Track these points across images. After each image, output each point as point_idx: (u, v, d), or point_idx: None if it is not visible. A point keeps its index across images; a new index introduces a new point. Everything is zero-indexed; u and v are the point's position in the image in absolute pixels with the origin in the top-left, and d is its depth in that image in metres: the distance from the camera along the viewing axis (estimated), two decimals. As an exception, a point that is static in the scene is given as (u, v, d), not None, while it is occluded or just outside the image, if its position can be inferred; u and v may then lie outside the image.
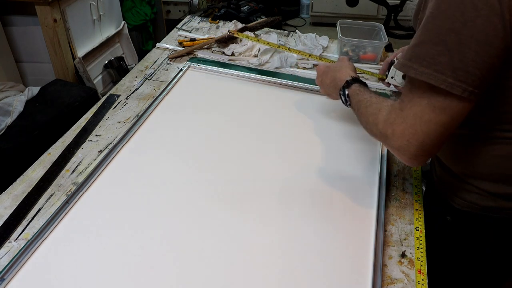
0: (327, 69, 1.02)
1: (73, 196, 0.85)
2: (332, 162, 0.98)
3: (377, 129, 0.74)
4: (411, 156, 0.69)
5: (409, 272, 0.76)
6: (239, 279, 0.72)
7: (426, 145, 0.67)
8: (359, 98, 0.84)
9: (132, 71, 1.33)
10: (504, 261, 0.94)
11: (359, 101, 0.84)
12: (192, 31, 1.59)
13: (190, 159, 0.97)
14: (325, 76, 1.01)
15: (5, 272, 0.71)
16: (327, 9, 3.72)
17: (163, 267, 0.73)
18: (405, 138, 0.68)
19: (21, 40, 2.00)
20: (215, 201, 0.87)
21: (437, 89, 0.63)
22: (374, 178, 0.94)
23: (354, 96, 0.86)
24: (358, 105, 0.84)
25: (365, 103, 0.81)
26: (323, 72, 1.03)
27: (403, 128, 0.68)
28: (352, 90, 0.88)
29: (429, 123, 0.65)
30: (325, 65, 1.05)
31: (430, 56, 0.63)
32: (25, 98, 1.74)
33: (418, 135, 0.66)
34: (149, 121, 1.09)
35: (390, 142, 0.70)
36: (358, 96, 0.85)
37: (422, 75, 0.64)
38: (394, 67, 1.06)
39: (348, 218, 0.85)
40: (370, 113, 0.77)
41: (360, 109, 0.82)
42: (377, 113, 0.75)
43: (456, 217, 0.88)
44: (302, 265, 0.75)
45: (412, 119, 0.66)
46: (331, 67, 1.02)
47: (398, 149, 0.70)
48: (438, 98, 0.64)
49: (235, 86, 1.25)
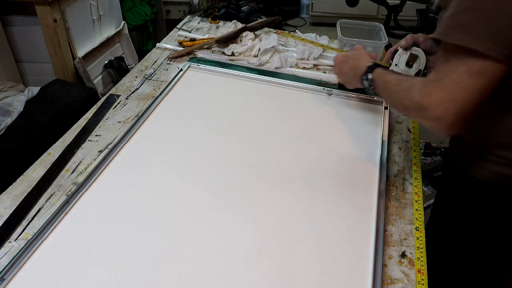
0: (345, 58, 1.06)
1: (73, 196, 0.85)
2: (332, 162, 0.98)
3: (413, 102, 0.76)
4: (449, 124, 0.71)
5: (409, 272, 0.76)
6: (237, 279, 0.72)
7: (464, 112, 0.69)
8: (386, 79, 0.88)
9: (132, 71, 1.33)
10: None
11: (386, 81, 0.87)
12: (192, 31, 1.59)
13: (190, 159, 0.97)
14: (344, 64, 1.05)
15: (5, 272, 0.71)
16: (327, 9, 3.72)
17: (163, 267, 0.73)
18: (443, 106, 0.70)
19: (21, 40, 2.00)
20: (215, 200, 0.87)
21: (475, 54, 0.66)
22: (374, 178, 0.94)
23: (379, 79, 0.90)
24: (386, 86, 0.87)
25: (395, 82, 0.84)
26: (341, 62, 1.07)
27: (441, 97, 0.70)
28: (376, 74, 0.92)
29: (466, 89, 0.68)
30: (342, 55, 1.09)
31: (468, 23, 0.67)
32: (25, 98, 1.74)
33: (456, 102, 0.69)
34: (149, 121, 1.09)
35: (427, 113, 0.72)
36: (384, 78, 0.89)
37: (461, 41, 0.67)
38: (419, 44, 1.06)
39: (348, 218, 0.85)
40: (402, 90, 0.80)
41: (390, 88, 0.85)
42: (410, 89, 0.77)
43: (482, 190, 0.90)
44: (302, 265, 0.75)
45: (449, 87, 0.69)
46: (349, 56, 1.06)
47: (436, 119, 0.72)
48: (476, 63, 0.67)
49: (235, 86, 1.25)
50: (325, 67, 1.37)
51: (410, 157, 1.03)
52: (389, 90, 0.86)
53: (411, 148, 1.06)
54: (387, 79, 0.87)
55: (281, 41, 1.51)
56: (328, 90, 1.23)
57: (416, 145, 1.07)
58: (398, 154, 1.04)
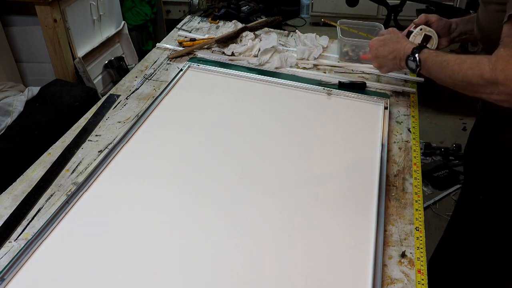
0: (383, 42, 1.06)
1: (73, 196, 0.85)
2: (332, 162, 0.98)
3: (482, 79, 0.78)
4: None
5: (409, 272, 0.76)
6: (237, 279, 0.72)
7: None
8: (442, 58, 0.89)
9: (132, 71, 1.33)
10: None
11: (443, 61, 0.88)
12: (192, 31, 1.59)
13: (190, 158, 0.97)
14: (383, 48, 1.05)
15: (5, 272, 0.71)
16: (327, 9, 3.72)
17: (163, 267, 0.73)
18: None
19: (21, 40, 2.00)
20: (216, 200, 0.87)
21: None
22: (374, 178, 0.94)
23: (432, 59, 0.91)
24: (443, 65, 0.88)
25: (455, 61, 0.85)
26: (378, 45, 1.07)
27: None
28: (425, 54, 0.93)
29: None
30: (378, 39, 1.09)
31: None
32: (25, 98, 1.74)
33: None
34: (149, 121, 1.09)
35: (501, 88, 0.76)
36: (439, 57, 0.90)
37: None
38: None
39: (348, 218, 0.85)
40: (467, 67, 0.82)
41: (449, 67, 0.86)
42: (477, 66, 0.79)
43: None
44: (302, 265, 0.75)
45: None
46: (387, 40, 1.06)
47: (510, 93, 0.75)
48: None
49: (235, 86, 1.25)
50: (325, 67, 1.37)
51: (410, 157, 1.03)
52: (448, 69, 0.86)
53: (411, 148, 1.06)
54: (443, 58, 0.88)
55: (281, 41, 1.51)
56: (328, 90, 1.23)
57: (416, 145, 1.07)
58: (398, 154, 1.04)
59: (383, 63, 1.07)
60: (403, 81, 1.32)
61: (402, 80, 1.32)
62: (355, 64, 1.38)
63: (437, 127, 2.59)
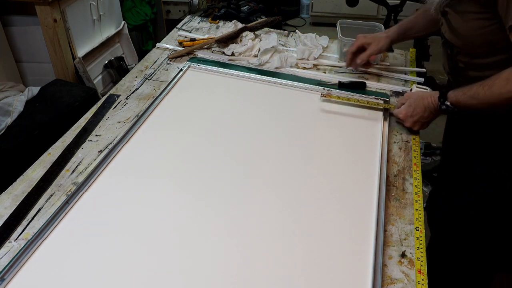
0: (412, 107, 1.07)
1: (73, 196, 0.85)
2: (332, 162, 0.98)
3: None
4: None
5: (409, 272, 0.76)
6: (238, 279, 0.72)
7: None
8: (470, 93, 0.92)
9: (132, 71, 1.33)
10: None
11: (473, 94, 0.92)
12: (192, 31, 1.59)
13: (190, 158, 0.97)
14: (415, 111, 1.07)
15: (5, 272, 0.71)
16: (327, 9, 3.72)
17: (163, 267, 0.73)
18: None
19: (21, 40, 2.00)
20: (216, 199, 0.87)
21: None
22: (374, 178, 0.94)
23: (461, 98, 0.95)
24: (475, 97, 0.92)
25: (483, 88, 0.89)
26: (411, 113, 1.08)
27: None
28: (453, 97, 0.97)
29: None
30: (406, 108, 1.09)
31: None
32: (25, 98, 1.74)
33: None
34: (149, 121, 1.09)
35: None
36: (467, 93, 0.93)
37: None
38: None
39: (348, 218, 0.85)
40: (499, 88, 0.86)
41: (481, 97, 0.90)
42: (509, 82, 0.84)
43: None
44: (302, 265, 0.75)
45: None
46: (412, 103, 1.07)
47: None
48: None
49: (235, 86, 1.25)
50: (325, 67, 1.37)
51: (410, 157, 1.03)
52: (480, 99, 0.90)
53: (411, 148, 1.06)
54: (471, 92, 0.92)
55: (281, 41, 1.51)
56: (328, 90, 1.23)
57: (416, 145, 1.07)
58: (398, 154, 1.04)
59: (423, 122, 1.08)
60: (403, 81, 1.32)
61: (402, 80, 1.32)
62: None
63: (437, 127, 2.59)
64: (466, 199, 1.07)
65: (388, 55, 1.45)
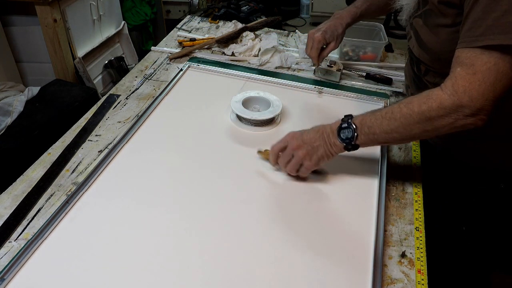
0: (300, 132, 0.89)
1: (73, 196, 0.85)
2: (332, 162, 0.98)
3: (443, 108, 0.74)
4: (486, 114, 0.73)
5: (409, 272, 0.76)
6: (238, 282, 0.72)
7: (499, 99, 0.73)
8: (381, 112, 0.81)
9: (132, 71, 1.33)
10: None
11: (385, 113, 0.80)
12: (192, 31, 1.59)
13: (190, 158, 0.97)
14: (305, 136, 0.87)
15: (5, 272, 0.71)
16: (327, 9, 3.73)
17: (162, 267, 0.73)
18: (485, 98, 0.72)
19: (21, 40, 2.00)
20: (216, 199, 0.87)
21: None
22: (374, 178, 0.94)
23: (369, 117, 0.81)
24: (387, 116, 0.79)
25: (399, 106, 0.79)
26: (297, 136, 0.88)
27: (483, 90, 0.72)
28: (359, 117, 0.83)
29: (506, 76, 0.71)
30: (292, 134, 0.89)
31: None
32: (25, 98, 1.74)
33: (497, 91, 0.72)
34: (149, 121, 1.09)
35: (467, 110, 0.73)
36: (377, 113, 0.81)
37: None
38: None
39: (348, 218, 0.85)
40: (419, 105, 0.76)
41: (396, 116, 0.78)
42: (429, 99, 0.75)
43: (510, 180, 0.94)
44: (302, 265, 0.75)
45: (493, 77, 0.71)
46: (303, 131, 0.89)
47: (476, 113, 0.73)
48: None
49: (235, 86, 1.25)
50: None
51: (410, 157, 1.03)
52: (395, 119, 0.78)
53: (411, 148, 1.06)
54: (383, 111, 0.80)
55: (281, 41, 1.51)
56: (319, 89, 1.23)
57: (416, 145, 1.07)
58: (398, 154, 1.04)
59: (310, 150, 0.86)
60: (403, 81, 1.32)
61: (402, 80, 1.32)
62: (355, 63, 1.38)
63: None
64: (465, 199, 1.07)
65: (388, 55, 1.45)
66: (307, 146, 0.86)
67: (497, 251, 1.11)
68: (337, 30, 1.15)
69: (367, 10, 1.16)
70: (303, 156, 0.86)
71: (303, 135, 0.87)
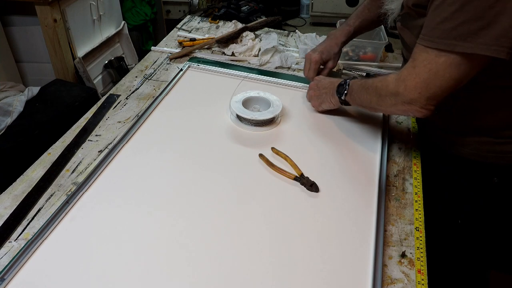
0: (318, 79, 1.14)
1: (73, 196, 0.85)
2: (332, 162, 0.98)
3: (388, 90, 0.85)
4: (421, 106, 0.80)
5: (409, 272, 0.76)
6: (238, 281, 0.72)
7: (437, 96, 0.78)
8: (366, 81, 0.95)
9: (132, 71, 1.33)
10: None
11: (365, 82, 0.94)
12: (192, 31, 1.59)
13: (190, 158, 0.97)
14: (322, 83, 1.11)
15: (5, 272, 0.71)
16: (327, 9, 3.73)
17: (162, 267, 0.73)
18: (417, 91, 0.79)
19: (21, 40, 2.00)
20: (217, 199, 0.87)
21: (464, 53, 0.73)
22: (374, 178, 0.94)
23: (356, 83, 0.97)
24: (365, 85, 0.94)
25: (371, 81, 0.92)
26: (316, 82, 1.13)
27: (415, 83, 0.79)
28: (355, 81, 0.99)
29: (443, 78, 0.76)
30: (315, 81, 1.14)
31: (473, 32, 0.71)
32: (25, 98, 1.74)
33: (430, 88, 0.77)
34: (149, 121, 1.09)
35: (402, 97, 0.81)
36: (362, 81, 0.96)
37: (469, 49, 0.72)
38: None
39: (348, 218, 0.85)
40: (377, 81, 0.89)
41: (365, 86, 0.93)
42: (385, 79, 0.87)
43: (503, 175, 0.95)
44: (302, 265, 0.75)
45: (426, 74, 0.77)
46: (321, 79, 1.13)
47: (409, 102, 0.81)
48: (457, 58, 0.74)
49: (235, 87, 1.25)
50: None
51: (410, 157, 1.03)
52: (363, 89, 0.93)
53: (411, 148, 1.06)
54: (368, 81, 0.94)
55: (281, 41, 1.51)
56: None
57: (417, 148, 1.07)
58: (398, 154, 1.04)
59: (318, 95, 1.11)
60: (403, 81, 1.32)
61: (402, 80, 1.32)
62: (355, 62, 1.38)
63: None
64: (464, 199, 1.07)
65: (388, 55, 1.45)
66: (318, 90, 1.12)
67: (494, 249, 1.11)
68: (333, 49, 1.20)
69: (360, 27, 1.20)
70: (312, 96, 1.14)
71: (322, 81, 1.12)
